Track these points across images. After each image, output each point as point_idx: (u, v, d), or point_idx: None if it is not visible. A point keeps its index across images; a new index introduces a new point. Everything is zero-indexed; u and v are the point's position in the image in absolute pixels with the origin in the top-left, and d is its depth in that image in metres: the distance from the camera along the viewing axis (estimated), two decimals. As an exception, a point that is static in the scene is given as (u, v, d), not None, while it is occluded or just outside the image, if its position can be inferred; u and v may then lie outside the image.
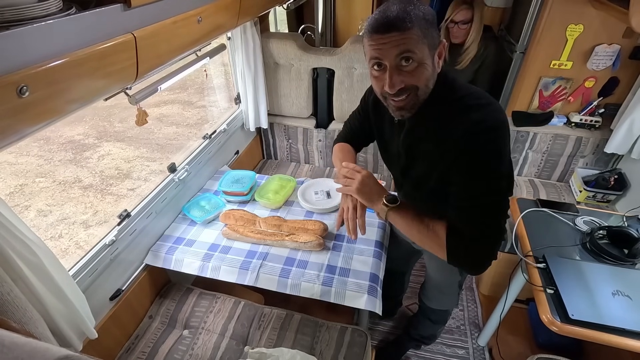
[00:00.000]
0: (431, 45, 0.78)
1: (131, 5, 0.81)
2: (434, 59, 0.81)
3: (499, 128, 0.80)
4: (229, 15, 1.28)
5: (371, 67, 0.82)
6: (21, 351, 0.37)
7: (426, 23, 0.76)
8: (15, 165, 3.65)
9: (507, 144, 0.83)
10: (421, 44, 0.76)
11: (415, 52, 0.76)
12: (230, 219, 1.50)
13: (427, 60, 0.78)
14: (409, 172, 1.02)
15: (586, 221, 1.44)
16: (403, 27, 0.74)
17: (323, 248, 1.38)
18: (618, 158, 2.01)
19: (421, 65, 0.78)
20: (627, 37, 1.77)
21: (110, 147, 3.97)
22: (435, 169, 0.91)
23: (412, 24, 0.74)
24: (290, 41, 2.02)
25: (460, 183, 0.85)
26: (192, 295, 1.47)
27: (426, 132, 0.90)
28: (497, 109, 0.83)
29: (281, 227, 1.45)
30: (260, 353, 1.14)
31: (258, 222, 1.48)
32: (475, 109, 0.82)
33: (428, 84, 0.82)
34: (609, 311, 1.10)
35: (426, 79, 0.81)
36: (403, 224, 0.94)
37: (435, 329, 1.63)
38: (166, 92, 5.00)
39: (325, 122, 2.27)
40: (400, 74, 0.79)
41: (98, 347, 1.20)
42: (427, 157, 0.92)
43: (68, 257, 2.62)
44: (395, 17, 0.74)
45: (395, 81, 0.78)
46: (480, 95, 0.86)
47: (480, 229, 0.84)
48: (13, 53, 0.61)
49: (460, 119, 0.82)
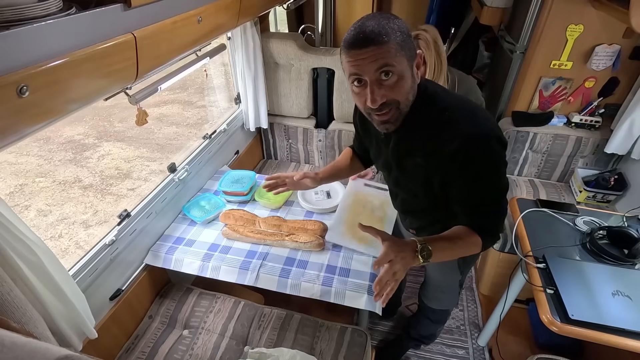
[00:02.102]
0: (409, 57, 0.79)
1: (131, 5, 0.81)
2: (412, 71, 0.81)
3: (490, 136, 0.83)
4: (229, 15, 1.28)
5: (351, 83, 0.82)
6: (21, 351, 0.37)
7: (402, 35, 0.76)
8: (15, 165, 3.65)
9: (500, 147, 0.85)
10: (399, 56, 0.76)
11: (394, 65, 0.76)
12: (230, 219, 1.50)
13: (406, 72, 0.79)
14: (401, 183, 1.04)
15: (586, 221, 1.44)
16: (380, 40, 0.74)
17: (323, 248, 1.38)
18: (618, 158, 2.01)
19: (401, 78, 0.78)
20: (627, 37, 1.77)
21: (110, 147, 3.97)
22: (431, 179, 0.93)
23: (388, 37, 0.74)
24: (290, 41, 2.02)
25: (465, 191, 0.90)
26: (192, 295, 1.47)
27: (414, 144, 0.91)
28: (485, 117, 0.86)
29: (281, 227, 1.45)
30: (260, 353, 1.14)
31: (258, 222, 1.48)
32: (464, 119, 0.84)
33: (408, 96, 0.83)
34: (609, 311, 1.10)
35: (406, 92, 0.81)
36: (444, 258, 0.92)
37: (435, 329, 1.63)
38: (166, 92, 5.00)
39: (325, 122, 2.28)
40: (381, 88, 0.78)
41: (98, 347, 1.20)
42: (418, 169, 0.93)
43: (68, 257, 2.62)
44: (371, 31, 0.74)
45: (376, 96, 0.78)
46: (465, 103, 0.88)
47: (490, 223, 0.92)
48: (13, 53, 0.61)
49: (450, 131, 0.83)
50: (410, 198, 1.07)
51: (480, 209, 0.91)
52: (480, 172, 0.85)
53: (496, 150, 0.84)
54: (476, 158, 0.83)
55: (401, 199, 1.12)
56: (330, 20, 2.54)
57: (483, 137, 0.82)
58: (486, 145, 0.83)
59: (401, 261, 0.81)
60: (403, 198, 1.11)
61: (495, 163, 0.86)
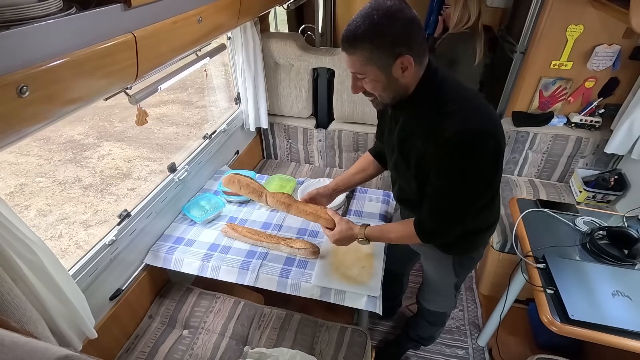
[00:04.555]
0: (381, 65, 0.82)
1: (131, 5, 0.80)
2: (391, 74, 0.84)
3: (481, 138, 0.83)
4: (229, 15, 1.28)
5: None
6: (21, 351, 0.37)
7: (371, 46, 0.80)
8: (15, 164, 3.65)
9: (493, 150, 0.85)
10: (368, 65, 0.83)
11: (362, 74, 0.85)
12: (235, 184, 1.31)
13: (379, 77, 0.84)
14: (399, 167, 1.05)
15: (586, 221, 1.44)
16: (349, 52, 0.83)
17: (317, 257, 1.34)
18: (618, 158, 2.01)
19: (372, 81, 0.86)
20: (627, 37, 1.77)
21: (110, 146, 3.97)
22: (420, 167, 0.95)
23: (355, 50, 0.81)
24: (291, 41, 2.02)
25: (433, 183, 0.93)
26: (192, 295, 1.47)
27: (415, 130, 0.94)
28: (485, 116, 0.87)
29: (290, 207, 1.25)
30: (260, 353, 1.14)
31: (265, 195, 1.29)
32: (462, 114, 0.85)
33: (383, 94, 0.88)
34: (609, 311, 1.10)
35: (381, 89, 0.87)
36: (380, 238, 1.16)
37: (434, 331, 1.63)
38: (166, 92, 5.00)
39: (325, 122, 2.28)
40: (358, 81, 0.89)
41: (98, 347, 1.20)
42: (414, 153, 0.95)
43: (68, 257, 2.62)
44: (347, 37, 0.81)
45: (354, 87, 0.90)
46: (470, 98, 0.89)
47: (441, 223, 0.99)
48: (13, 53, 0.61)
49: (446, 123, 0.84)
50: (405, 186, 1.09)
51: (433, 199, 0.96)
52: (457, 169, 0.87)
53: (485, 151, 0.84)
54: (458, 154, 0.84)
55: (398, 185, 1.15)
56: (330, 20, 2.54)
57: (473, 136, 0.83)
58: (476, 143, 0.83)
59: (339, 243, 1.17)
60: (400, 185, 1.13)
61: (479, 165, 0.86)
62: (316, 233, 1.47)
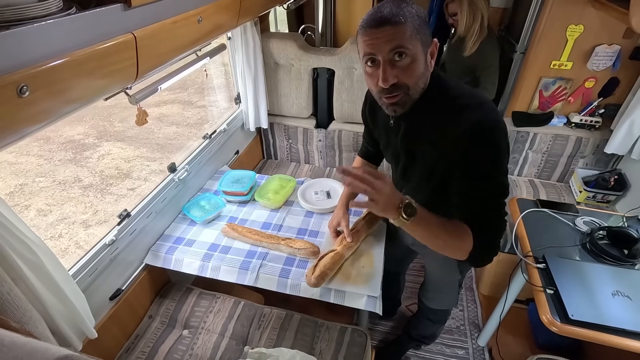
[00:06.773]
0: (424, 42, 0.79)
1: (131, 5, 0.80)
2: (426, 57, 0.82)
3: (496, 127, 0.82)
4: (229, 15, 1.28)
5: (364, 63, 0.83)
6: (21, 351, 0.37)
7: (419, 20, 0.78)
8: (15, 164, 3.65)
9: (506, 141, 0.85)
10: (414, 39, 0.77)
11: (408, 47, 0.77)
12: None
13: (419, 56, 0.79)
14: (408, 172, 1.03)
15: (586, 221, 1.44)
16: (396, 21, 0.75)
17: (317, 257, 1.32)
18: (618, 158, 2.01)
19: (414, 61, 0.79)
20: (627, 37, 1.77)
21: (110, 146, 3.97)
22: (435, 169, 0.92)
23: (405, 19, 0.75)
24: (291, 41, 2.02)
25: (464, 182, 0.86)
26: (192, 295, 1.47)
27: (423, 132, 0.92)
28: (492, 108, 0.86)
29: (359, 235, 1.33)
30: (260, 353, 1.14)
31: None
32: (472, 108, 0.83)
33: (419, 82, 0.83)
34: (609, 311, 1.10)
35: (417, 76, 0.81)
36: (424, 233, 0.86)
37: (435, 329, 1.63)
38: (166, 92, 5.00)
39: (325, 122, 2.27)
40: (394, 69, 0.79)
41: (98, 347, 1.20)
42: (426, 157, 0.93)
43: (68, 257, 2.62)
44: (388, 12, 0.76)
45: (388, 75, 0.78)
46: (474, 94, 0.88)
47: (488, 225, 0.87)
48: (13, 53, 0.61)
49: (458, 119, 0.83)
50: (414, 191, 1.06)
51: (475, 203, 0.85)
52: (481, 160, 0.83)
53: (501, 141, 0.83)
54: (480, 144, 0.81)
55: (405, 192, 1.12)
56: (330, 20, 2.54)
57: (489, 126, 0.82)
58: (491, 134, 0.82)
59: (383, 200, 0.78)
60: (407, 191, 1.10)
61: (498, 154, 0.83)
62: (316, 233, 1.47)
